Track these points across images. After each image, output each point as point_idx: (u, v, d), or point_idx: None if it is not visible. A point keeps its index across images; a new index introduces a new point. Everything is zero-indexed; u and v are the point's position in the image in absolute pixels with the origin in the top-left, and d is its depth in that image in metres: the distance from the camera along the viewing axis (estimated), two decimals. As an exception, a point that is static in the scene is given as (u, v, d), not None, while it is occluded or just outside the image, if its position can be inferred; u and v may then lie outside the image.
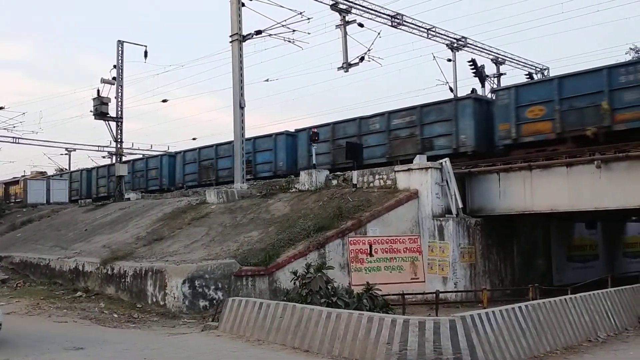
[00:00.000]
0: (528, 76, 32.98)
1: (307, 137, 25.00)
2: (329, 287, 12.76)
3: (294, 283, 13.49)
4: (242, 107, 24.11)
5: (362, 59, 25.99)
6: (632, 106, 16.95)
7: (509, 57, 33.12)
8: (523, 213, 18.92)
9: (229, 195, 22.82)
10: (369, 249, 17.63)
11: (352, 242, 17.41)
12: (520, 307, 10.25)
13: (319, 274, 12.96)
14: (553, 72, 33.61)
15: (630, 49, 36.59)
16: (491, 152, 20.52)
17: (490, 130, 20.47)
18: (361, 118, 24.48)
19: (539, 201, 18.20)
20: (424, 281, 18.03)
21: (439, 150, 21.14)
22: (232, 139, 24.91)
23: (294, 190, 22.03)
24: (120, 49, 33.31)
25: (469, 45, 31.35)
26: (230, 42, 24.44)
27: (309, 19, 23.73)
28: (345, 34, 25.05)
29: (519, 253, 20.49)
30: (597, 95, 17.66)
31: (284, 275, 15.38)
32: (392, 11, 27.51)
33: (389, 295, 14.40)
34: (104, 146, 48.66)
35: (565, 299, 11.49)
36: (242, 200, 22.31)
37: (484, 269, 18.84)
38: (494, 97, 21.47)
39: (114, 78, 33.20)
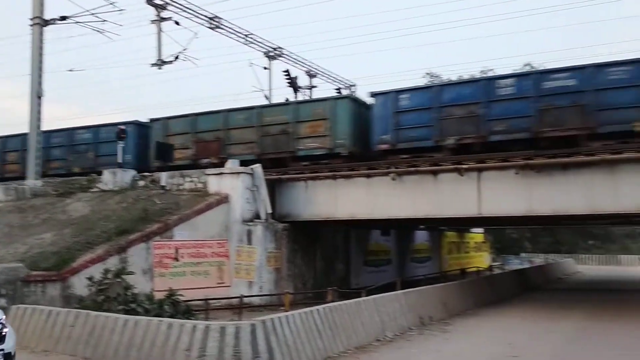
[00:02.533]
0: (337, 91, 34.85)
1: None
2: (129, 294, 12.19)
3: (90, 289, 12.65)
4: (39, 97, 22.02)
5: (177, 57, 25.35)
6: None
7: (321, 71, 34.69)
8: (327, 219, 19.90)
9: (19, 192, 20.72)
10: (175, 254, 17.18)
11: (157, 246, 16.82)
12: (318, 310, 10.70)
13: (118, 280, 12.33)
14: (360, 90, 36.01)
15: (427, 73, 40.80)
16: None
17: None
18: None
19: (342, 209, 19.28)
20: (230, 285, 18.07)
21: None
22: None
23: (96, 189, 20.68)
24: None
25: (284, 55, 32.20)
26: (31, 25, 22.27)
27: (121, 10, 22.56)
28: (160, 30, 24.20)
29: (322, 257, 21.51)
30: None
31: (80, 281, 14.30)
32: (210, 13, 27.22)
33: (193, 300, 14.14)
34: None
35: (359, 301, 12.27)
36: (35, 198, 20.39)
37: (289, 273, 19.42)
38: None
39: None
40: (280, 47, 31.83)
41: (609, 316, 16.51)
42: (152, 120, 24.12)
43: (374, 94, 20.00)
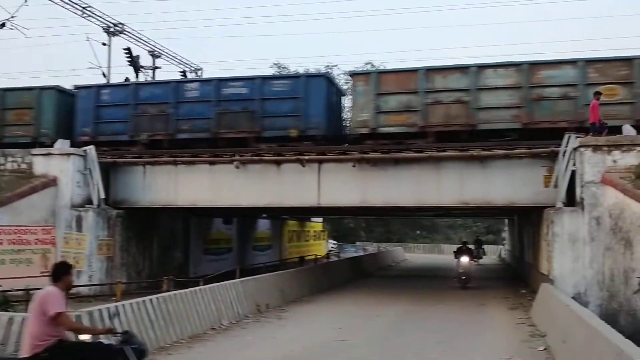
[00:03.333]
0: (182, 74, 33.88)
1: None
2: None
3: None
4: None
5: (3, 24, 23.03)
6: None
7: (166, 52, 33.43)
8: (166, 206, 19.29)
9: None
10: (-8, 240, 15.59)
11: (-30, 231, 15.13)
12: (151, 300, 10.36)
13: None
14: (206, 74, 35.33)
15: (274, 64, 41.15)
16: None
17: None
18: None
19: (183, 196, 18.80)
20: (56, 275, 16.80)
21: None
22: None
23: None
24: None
25: (126, 32, 30.43)
26: None
27: None
28: (-17, -8, 21.73)
29: (159, 246, 20.85)
30: None
31: None
32: (44, -21, 24.96)
33: (12, 291, 13.11)
34: None
35: (195, 290, 12.09)
36: None
37: (122, 261, 18.57)
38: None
39: None
40: (121, 24, 30.06)
41: (430, 300, 17.97)
42: None
43: (77, 87, 20.62)
